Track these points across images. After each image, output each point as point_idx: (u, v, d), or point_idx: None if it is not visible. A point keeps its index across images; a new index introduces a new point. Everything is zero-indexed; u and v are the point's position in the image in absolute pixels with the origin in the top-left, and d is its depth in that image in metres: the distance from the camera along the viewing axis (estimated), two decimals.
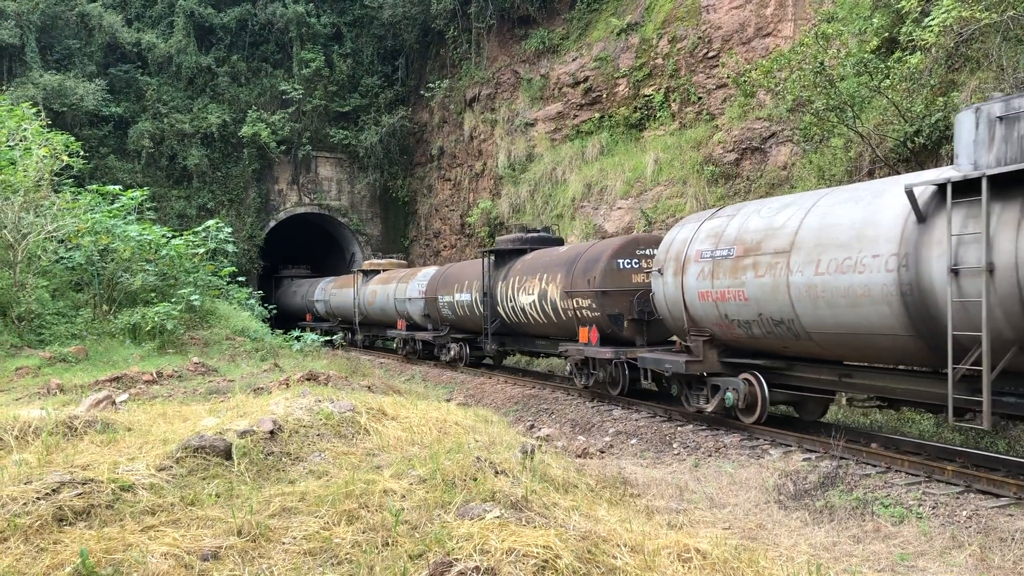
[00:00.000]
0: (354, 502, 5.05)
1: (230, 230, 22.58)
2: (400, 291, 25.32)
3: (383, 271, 28.84)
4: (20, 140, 17.94)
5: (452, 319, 21.82)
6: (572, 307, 15.29)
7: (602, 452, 11.21)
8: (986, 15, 10.95)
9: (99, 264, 17.95)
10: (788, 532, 6.93)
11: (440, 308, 22.09)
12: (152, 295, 18.10)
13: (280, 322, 29.88)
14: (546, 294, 16.25)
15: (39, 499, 4.78)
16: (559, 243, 19.33)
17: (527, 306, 17.18)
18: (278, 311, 31.69)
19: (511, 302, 17.91)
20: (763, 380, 10.93)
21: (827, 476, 8.64)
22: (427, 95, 35.65)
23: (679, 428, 12.06)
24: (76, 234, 17.44)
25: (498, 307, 18.71)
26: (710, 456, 10.49)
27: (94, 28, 33.60)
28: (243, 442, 6.17)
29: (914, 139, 13.19)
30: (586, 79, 27.09)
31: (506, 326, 18.92)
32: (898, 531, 7.01)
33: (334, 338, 29.40)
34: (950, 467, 8.49)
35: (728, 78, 19.31)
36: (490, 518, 4.62)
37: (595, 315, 14.61)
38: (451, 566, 3.93)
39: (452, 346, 22.26)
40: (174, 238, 19.84)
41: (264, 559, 4.29)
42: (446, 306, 21.68)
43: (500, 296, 18.49)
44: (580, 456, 10.52)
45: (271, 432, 6.44)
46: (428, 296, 22.98)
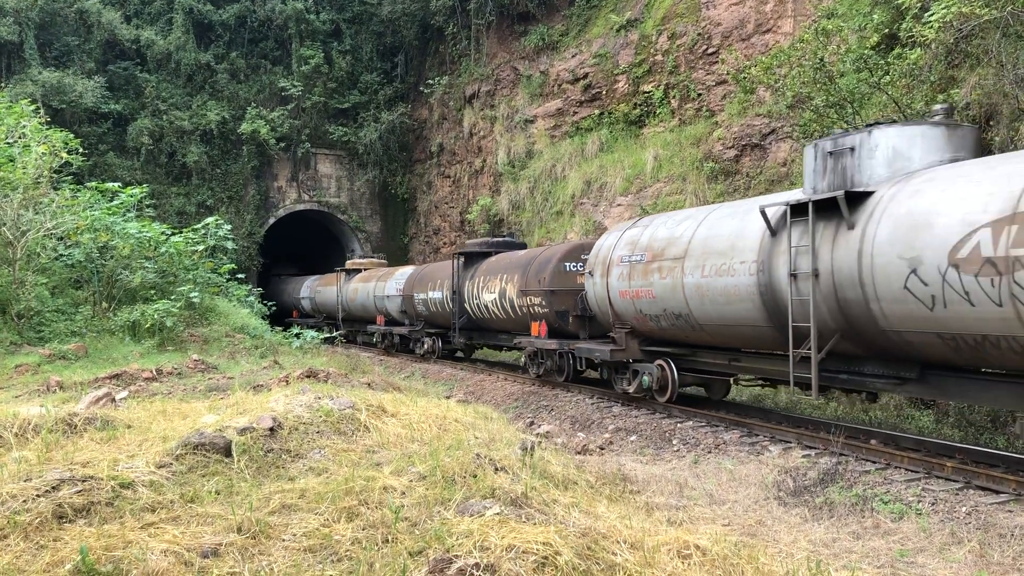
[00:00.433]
0: (354, 499, 5.05)
1: (229, 227, 22.58)
2: (380, 289, 27.09)
3: (364, 270, 30.61)
4: (19, 137, 17.92)
5: (426, 315, 23.45)
6: (526, 304, 17.02)
7: (602, 449, 11.22)
8: (986, 11, 10.93)
9: (98, 261, 17.94)
10: (788, 528, 6.94)
11: (416, 305, 23.75)
12: (151, 292, 18.09)
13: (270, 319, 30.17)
14: (505, 292, 17.98)
15: (39, 496, 4.78)
16: (521, 247, 21.09)
17: (490, 303, 18.96)
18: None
19: (476, 300, 19.64)
20: (673, 365, 12.87)
21: (827, 472, 8.65)
22: (426, 92, 35.62)
23: (679, 425, 12.07)
24: (75, 231, 17.43)
25: (465, 304, 20.39)
26: (710, 453, 10.49)
27: (93, 25, 33.56)
28: (243, 439, 6.17)
29: None
30: (586, 76, 27.06)
31: (472, 321, 20.63)
32: (897, 527, 7.02)
33: (334, 334, 29.45)
34: (949, 463, 8.49)
35: (728, 74, 19.29)
36: (490, 515, 4.62)
37: (545, 311, 16.34)
38: (451, 563, 3.93)
39: (426, 340, 23.99)
40: (173, 235, 19.83)
41: (264, 556, 4.29)
42: (421, 303, 23.36)
43: (467, 294, 20.14)
44: (580, 453, 10.52)
45: (271, 429, 6.44)
46: (405, 294, 24.63)
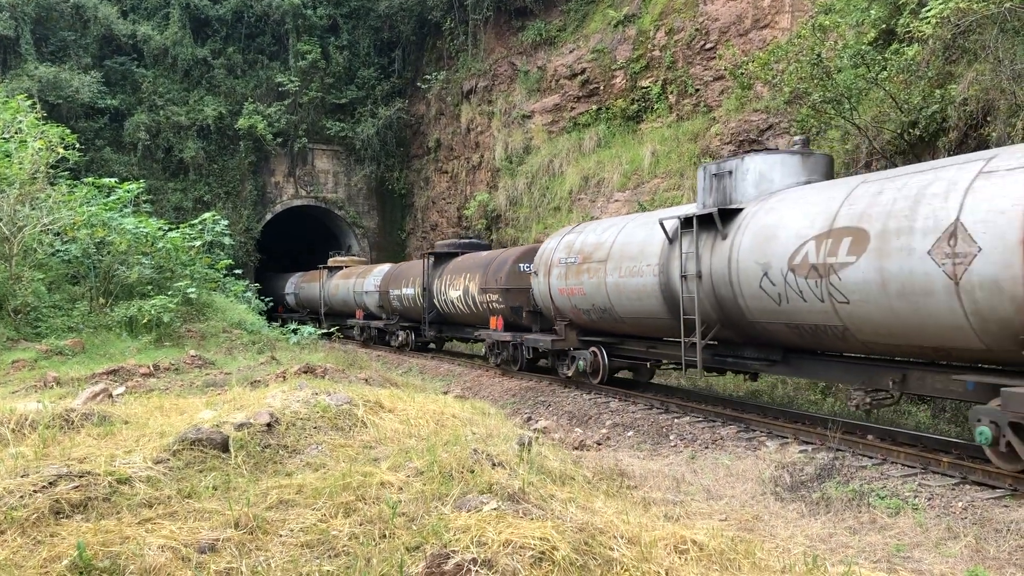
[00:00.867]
0: (351, 494, 5.05)
1: (226, 223, 22.54)
2: (359, 285, 28.91)
3: (345, 267, 32.34)
4: (15, 132, 17.86)
5: (400, 310, 25.30)
6: (486, 300, 18.76)
7: (599, 444, 11.23)
8: (983, 6, 10.92)
9: (95, 257, 17.90)
10: (784, 523, 6.95)
11: (391, 300, 25.58)
12: (148, 288, 18.05)
13: None
14: (468, 290, 19.74)
15: (36, 492, 4.77)
16: (486, 248, 23.18)
17: (455, 299, 20.75)
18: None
19: (444, 296, 21.47)
20: (604, 352, 14.77)
21: (823, 468, 8.67)
22: (424, 87, 35.57)
23: (676, 420, 12.09)
24: (72, 227, 17.39)
25: (434, 300, 22.25)
26: (707, 448, 10.51)
27: (89, 20, 33.42)
28: (240, 435, 6.17)
29: (911, 131, 13.19)
30: (583, 71, 27.03)
31: (440, 316, 22.56)
32: (894, 522, 7.04)
33: (331, 330, 29.53)
34: (946, 459, 8.51)
35: (725, 70, 19.28)
36: (487, 510, 4.63)
37: (501, 307, 18.07)
38: (448, 558, 3.94)
39: (400, 333, 25.73)
40: (170, 231, 19.80)
41: (261, 551, 4.29)
42: (395, 298, 25.20)
43: (436, 291, 22.02)
44: (577, 448, 10.53)
45: (268, 425, 6.44)
46: (381, 290, 26.49)
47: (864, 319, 8.84)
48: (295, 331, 18.97)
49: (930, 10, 11.40)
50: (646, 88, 24.65)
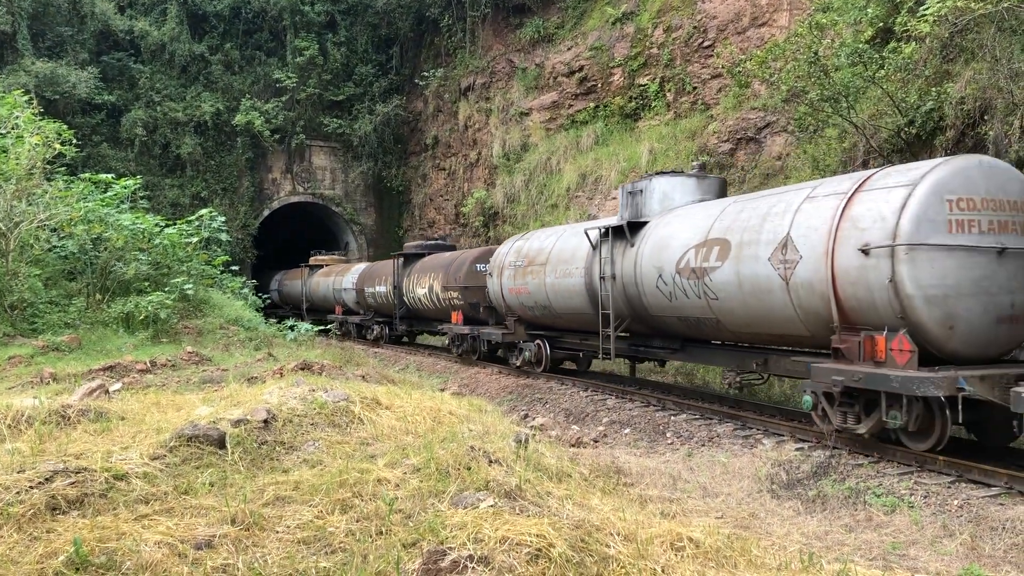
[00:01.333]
0: (348, 491, 5.06)
1: (223, 219, 22.49)
2: (338, 283, 30.72)
3: (326, 266, 34.14)
4: (12, 128, 17.81)
5: (375, 306, 27.22)
6: (448, 297, 20.57)
7: (596, 441, 11.24)
8: (980, 5, 10.91)
9: (92, 253, 17.87)
10: (781, 521, 6.97)
11: (367, 297, 27.49)
12: (145, 284, 18.02)
13: None
14: (433, 288, 21.47)
15: (32, 488, 4.77)
16: (451, 249, 24.82)
17: (422, 296, 22.52)
18: None
19: (412, 293, 23.30)
20: (547, 344, 16.75)
21: (820, 466, 8.68)
22: (422, 84, 35.50)
23: (672, 418, 12.10)
24: (69, 223, 17.35)
25: (404, 297, 24.10)
26: (703, 446, 10.52)
27: (86, 15, 33.32)
28: (237, 431, 6.17)
29: (908, 129, 13.20)
30: (581, 68, 27.02)
31: (409, 311, 24.46)
32: (890, 520, 7.05)
33: (327, 327, 29.62)
34: (942, 457, 8.52)
35: (723, 68, 19.29)
36: (484, 507, 4.63)
37: (461, 303, 19.83)
38: (445, 555, 3.94)
39: (375, 327, 27.72)
40: (167, 227, 19.75)
41: (258, 548, 4.29)
42: (370, 295, 27.08)
43: (405, 289, 23.85)
44: (574, 445, 10.54)
45: (265, 421, 6.44)
46: (358, 287, 28.28)
47: (729, 312, 10.76)
48: (292, 328, 18.96)
49: (928, 9, 11.39)
50: (644, 86, 24.65)
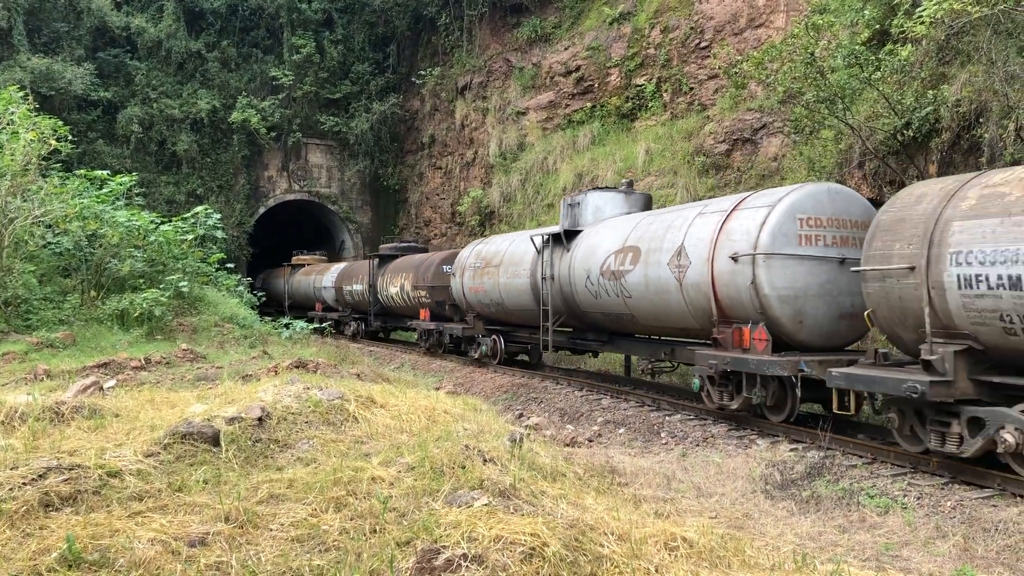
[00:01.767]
0: (342, 489, 5.05)
1: (219, 216, 22.48)
2: (318, 281, 32.65)
3: (307, 265, 36.21)
4: (7, 124, 17.75)
5: (352, 303, 29.01)
6: (417, 295, 22.27)
7: (590, 441, 11.25)
8: (976, 8, 10.94)
9: (87, 250, 17.83)
10: (774, 521, 6.98)
11: (345, 295, 29.26)
12: (140, 281, 17.99)
13: None
14: (404, 287, 23.18)
15: (25, 484, 4.76)
16: (423, 251, 26.41)
17: (394, 295, 24.18)
18: None
19: (386, 292, 24.89)
20: (502, 338, 18.29)
21: (814, 466, 8.69)
22: (418, 83, 35.47)
23: (667, 418, 12.11)
24: (64, 219, 17.30)
25: (379, 295, 25.65)
26: (698, 446, 10.53)
27: (82, 11, 33.22)
28: (231, 429, 6.16)
29: (904, 132, 13.23)
30: (578, 68, 27.01)
31: (383, 309, 26.06)
32: (883, 521, 7.07)
33: (324, 325, 29.67)
34: (935, 458, 8.55)
35: (720, 69, 19.29)
36: (478, 506, 4.64)
37: (428, 301, 21.57)
38: (439, 553, 3.94)
39: (352, 323, 29.23)
40: (163, 224, 19.73)
41: (251, 545, 4.29)
42: (348, 293, 28.85)
43: (380, 287, 25.44)
44: (568, 445, 10.54)
45: (259, 419, 6.43)
46: (336, 286, 30.12)
47: (640, 309, 12.68)
48: (287, 326, 18.94)
49: (924, 11, 11.42)
50: (641, 86, 24.66)
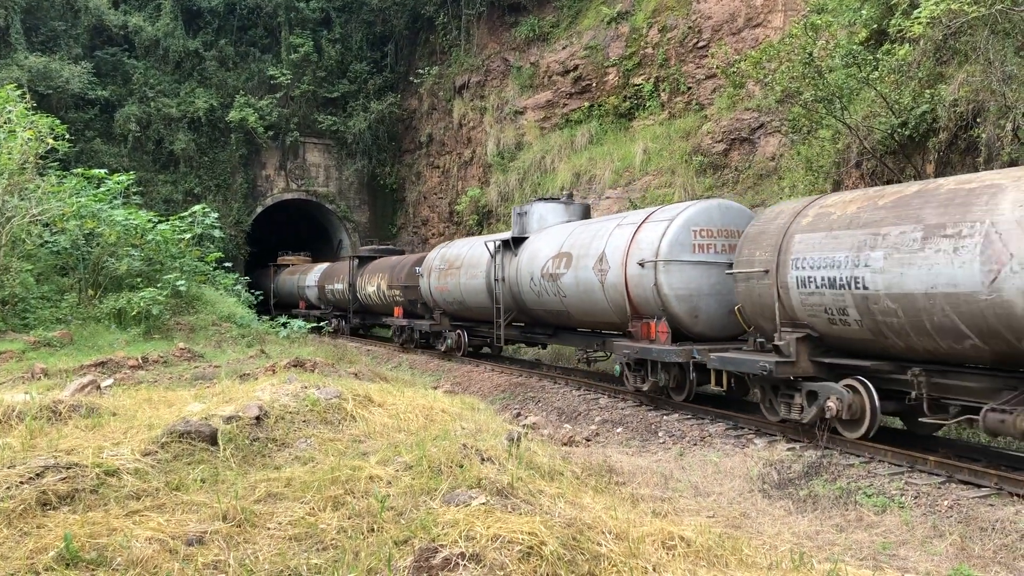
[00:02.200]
0: (340, 488, 5.05)
1: (217, 215, 22.45)
2: (302, 280, 34.42)
3: (292, 265, 37.89)
4: (5, 122, 17.73)
5: (334, 301, 30.61)
6: (392, 295, 23.92)
7: (588, 440, 11.25)
8: (974, 8, 10.95)
9: (84, 248, 17.81)
10: (772, 521, 6.98)
11: (326, 293, 30.94)
12: (138, 280, 17.98)
13: None
14: (380, 286, 24.87)
15: (23, 483, 4.76)
16: (399, 254, 27.94)
17: (371, 293, 25.84)
18: None
19: (364, 291, 26.56)
20: (466, 333, 20.06)
21: (811, 466, 8.70)
22: (416, 82, 35.46)
23: (665, 417, 12.12)
24: (61, 218, 17.29)
25: (358, 294, 27.30)
26: (695, 445, 10.53)
27: (80, 10, 33.14)
28: (229, 428, 6.16)
29: (901, 131, 13.24)
30: (576, 68, 27.02)
31: (362, 306, 27.77)
32: (880, 520, 7.08)
33: (321, 324, 29.71)
34: (932, 457, 8.56)
35: (718, 69, 19.29)
36: (476, 505, 4.63)
37: (402, 300, 23.23)
38: (436, 552, 3.94)
39: (334, 320, 30.78)
40: (160, 223, 19.70)
41: (249, 544, 4.29)
42: (330, 292, 30.52)
43: (358, 287, 27.09)
44: (566, 444, 10.54)
45: (257, 418, 6.43)
46: (319, 284, 31.76)
47: (573, 307, 14.54)
48: (284, 325, 18.93)
49: (922, 11, 11.43)
50: (638, 85, 24.67)
